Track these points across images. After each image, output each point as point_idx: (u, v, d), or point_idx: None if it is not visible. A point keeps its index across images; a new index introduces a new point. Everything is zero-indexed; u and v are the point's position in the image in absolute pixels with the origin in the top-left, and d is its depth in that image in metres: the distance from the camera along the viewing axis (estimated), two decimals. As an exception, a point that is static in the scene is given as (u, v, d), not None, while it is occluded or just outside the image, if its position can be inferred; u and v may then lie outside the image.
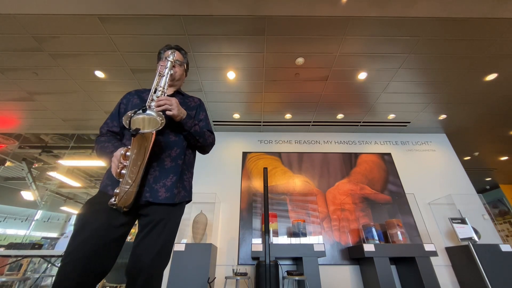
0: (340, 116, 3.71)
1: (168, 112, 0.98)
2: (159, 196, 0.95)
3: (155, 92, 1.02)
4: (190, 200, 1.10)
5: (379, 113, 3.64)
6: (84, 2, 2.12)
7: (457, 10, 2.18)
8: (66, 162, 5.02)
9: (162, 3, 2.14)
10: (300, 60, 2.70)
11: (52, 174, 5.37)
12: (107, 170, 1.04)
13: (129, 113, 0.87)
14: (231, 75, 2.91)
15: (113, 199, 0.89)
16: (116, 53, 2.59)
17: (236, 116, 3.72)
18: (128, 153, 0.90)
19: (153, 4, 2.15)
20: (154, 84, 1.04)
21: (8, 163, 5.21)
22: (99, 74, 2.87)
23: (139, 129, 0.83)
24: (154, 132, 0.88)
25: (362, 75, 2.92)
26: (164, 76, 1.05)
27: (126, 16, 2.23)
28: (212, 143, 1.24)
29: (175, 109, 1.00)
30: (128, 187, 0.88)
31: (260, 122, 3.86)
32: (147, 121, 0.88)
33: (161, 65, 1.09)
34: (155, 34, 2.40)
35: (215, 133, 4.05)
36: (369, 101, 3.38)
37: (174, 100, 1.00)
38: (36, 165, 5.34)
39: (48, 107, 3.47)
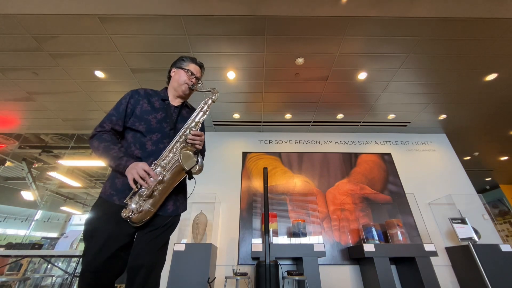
0: (340, 116, 3.71)
1: (197, 146, 1.09)
2: (168, 209, 1.05)
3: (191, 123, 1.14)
4: None
5: (379, 113, 3.64)
6: (84, 2, 2.12)
7: (457, 10, 2.18)
8: (66, 162, 5.03)
9: (162, 3, 2.14)
10: (300, 60, 2.70)
11: (52, 174, 5.37)
12: (109, 177, 1.04)
13: (197, 164, 1.07)
14: (231, 75, 2.91)
15: (128, 213, 0.92)
16: (116, 53, 2.59)
17: (236, 116, 3.71)
18: (165, 178, 0.99)
19: (153, 4, 2.15)
20: (192, 116, 1.15)
21: (8, 163, 5.21)
22: (99, 74, 2.87)
23: (192, 170, 1.03)
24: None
25: (362, 75, 2.92)
26: (202, 112, 1.17)
27: (126, 16, 2.23)
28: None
29: (201, 145, 1.11)
30: (150, 207, 0.96)
31: (260, 122, 3.86)
32: (192, 164, 1.06)
33: (204, 103, 1.19)
34: (155, 34, 2.40)
35: (215, 133, 4.06)
36: (369, 101, 3.38)
37: (203, 137, 1.12)
38: (36, 165, 5.34)
39: (48, 107, 3.47)
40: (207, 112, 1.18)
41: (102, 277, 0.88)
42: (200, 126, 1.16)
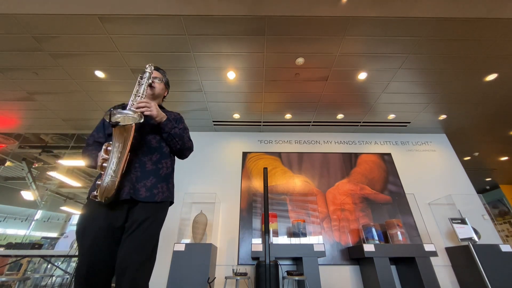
0: (340, 116, 3.71)
1: (146, 112, 1.07)
2: (140, 194, 1.03)
3: (135, 98, 1.13)
4: (172, 202, 1.20)
5: (379, 113, 3.64)
6: (84, 2, 2.12)
7: (457, 10, 2.18)
8: (66, 162, 5.02)
9: (162, 3, 2.14)
10: (300, 60, 2.70)
11: (52, 174, 5.37)
12: (94, 179, 1.10)
13: (110, 110, 0.97)
14: (231, 75, 2.91)
15: (95, 192, 0.95)
16: (116, 53, 2.59)
17: (236, 116, 3.72)
18: (109, 148, 0.99)
19: (153, 4, 2.15)
20: (134, 91, 1.15)
21: (8, 163, 5.21)
22: (99, 74, 2.87)
23: (119, 122, 0.95)
24: (133, 125, 1.00)
25: (362, 75, 2.92)
26: (143, 84, 1.17)
27: (126, 16, 2.23)
28: (190, 148, 1.30)
29: (154, 110, 1.10)
30: (109, 178, 0.95)
31: (260, 122, 3.86)
32: (125, 118, 0.99)
33: (140, 75, 1.20)
34: (155, 34, 2.40)
35: (215, 133, 4.06)
36: (369, 101, 3.38)
37: (153, 103, 1.11)
38: (36, 165, 5.34)
39: (48, 107, 3.47)
40: (147, 82, 1.17)
41: (97, 274, 0.90)
42: (143, 96, 1.13)
